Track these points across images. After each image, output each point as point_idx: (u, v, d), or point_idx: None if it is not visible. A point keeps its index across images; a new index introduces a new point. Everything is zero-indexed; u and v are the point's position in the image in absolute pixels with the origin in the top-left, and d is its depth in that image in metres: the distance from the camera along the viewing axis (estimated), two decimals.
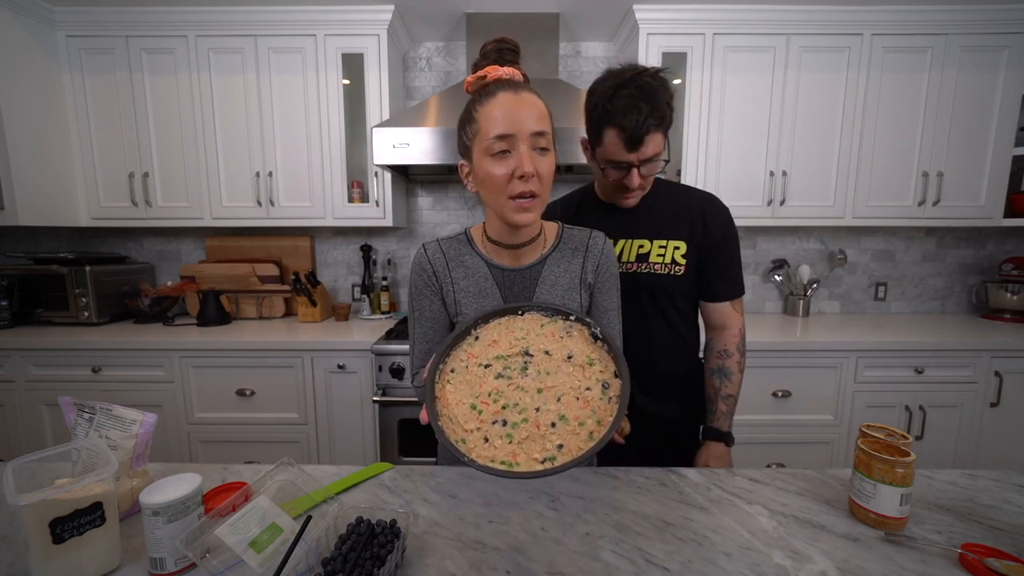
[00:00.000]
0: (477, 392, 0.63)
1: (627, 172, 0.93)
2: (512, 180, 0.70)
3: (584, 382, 0.62)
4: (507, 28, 2.07)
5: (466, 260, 0.81)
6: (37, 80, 1.98)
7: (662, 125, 0.89)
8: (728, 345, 1.07)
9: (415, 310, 0.83)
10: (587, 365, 0.64)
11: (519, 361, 0.65)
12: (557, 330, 0.68)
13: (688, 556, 0.65)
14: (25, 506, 0.55)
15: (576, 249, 0.83)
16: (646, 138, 0.88)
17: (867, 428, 0.78)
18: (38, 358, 1.88)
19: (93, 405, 0.75)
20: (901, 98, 2.07)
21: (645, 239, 1.02)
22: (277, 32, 2.04)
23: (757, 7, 1.98)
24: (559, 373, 0.63)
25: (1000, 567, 0.60)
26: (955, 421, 1.91)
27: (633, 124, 0.86)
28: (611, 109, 0.88)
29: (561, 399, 0.61)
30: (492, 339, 0.68)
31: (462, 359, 0.68)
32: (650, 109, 0.86)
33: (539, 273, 0.80)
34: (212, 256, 2.42)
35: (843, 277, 2.48)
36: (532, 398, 0.62)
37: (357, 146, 2.13)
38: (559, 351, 0.66)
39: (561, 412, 0.59)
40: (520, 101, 0.69)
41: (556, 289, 0.81)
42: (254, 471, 0.87)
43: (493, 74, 0.72)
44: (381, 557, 0.59)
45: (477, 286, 0.79)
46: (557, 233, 0.84)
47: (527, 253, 0.80)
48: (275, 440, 1.91)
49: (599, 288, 0.83)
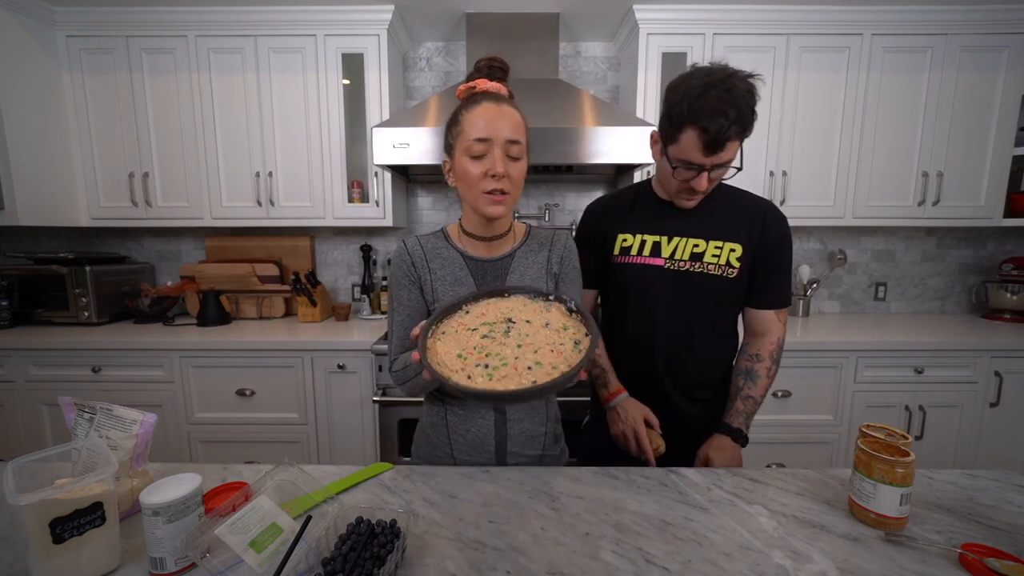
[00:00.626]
0: (464, 346, 0.70)
1: (697, 174, 0.91)
2: (485, 178, 0.78)
3: (559, 340, 0.70)
4: (507, 28, 2.07)
5: (443, 252, 0.88)
6: (37, 80, 1.98)
7: (744, 133, 0.87)
8: (762, 350, 1.05)
9: (395, 300, 0.88)
10: (562, 329, 0.72)
11: (502, 326, 0.73)
12: (538, 307, 0.76)
13: (688, 556, 0.65)
14: (25, 506, 0.55)
15: (543, 244, 0.92)
16: (726, 144, 0.86)
17: (867, 428, 0.78)
18: (38, 358, 1.88)
19: (93, 405, 0.75)
20: (901, 98, 2.07)
21: (701, 239, 1.00)
22: (277, 32, 2.04)
23: (757, 7, 1.98)
24: (537, 335, 0.71)
25: (1000, 567, 0.60)
26: (955, 421, 1.91)
27: (716, 128, 0.84)
28: (696, 109, 0.85)
29: (538, 352, 0.68)
30: (480, 312, 0.76)
31: (452, 326, 0.74)
32: (736, 115, 0.84)
33: (510, 264, 0.88)
34: (212, 256, 2.42)
35: (843, 277, 2.48)
36: (512, 351, 0.68)
37: (357, 146, 2.13)
38: (538, 320, 0.74)
39: (537, 360, 0.67)
40: (500, 112, 0.78)
41: (525, 278, 0.88)
42: (254, 471, 0.87)
43: (481, 86, 0.82)
44: (381, 557, 0.59)
45: (453, 275, 0.86)
46: (525, 231, 0.94)
47: (499, 246, 0.89)
48: (275, 440, 1.91)
49: (563, 278, 0.91)
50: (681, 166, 0.92)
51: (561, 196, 2.46)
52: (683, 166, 0.91)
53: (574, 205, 2.47)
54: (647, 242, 1.03)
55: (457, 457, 0.88)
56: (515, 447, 0.89)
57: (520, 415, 0.88)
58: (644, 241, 1.03)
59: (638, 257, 1.03)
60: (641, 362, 1.06)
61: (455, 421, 0.87)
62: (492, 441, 0.87)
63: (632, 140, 1.75)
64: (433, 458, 0.91)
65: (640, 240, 1.03)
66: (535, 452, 0.91)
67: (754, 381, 1.04)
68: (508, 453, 0.88)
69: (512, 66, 2.16)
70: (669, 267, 1.01)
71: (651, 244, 1.02)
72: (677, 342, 1.03)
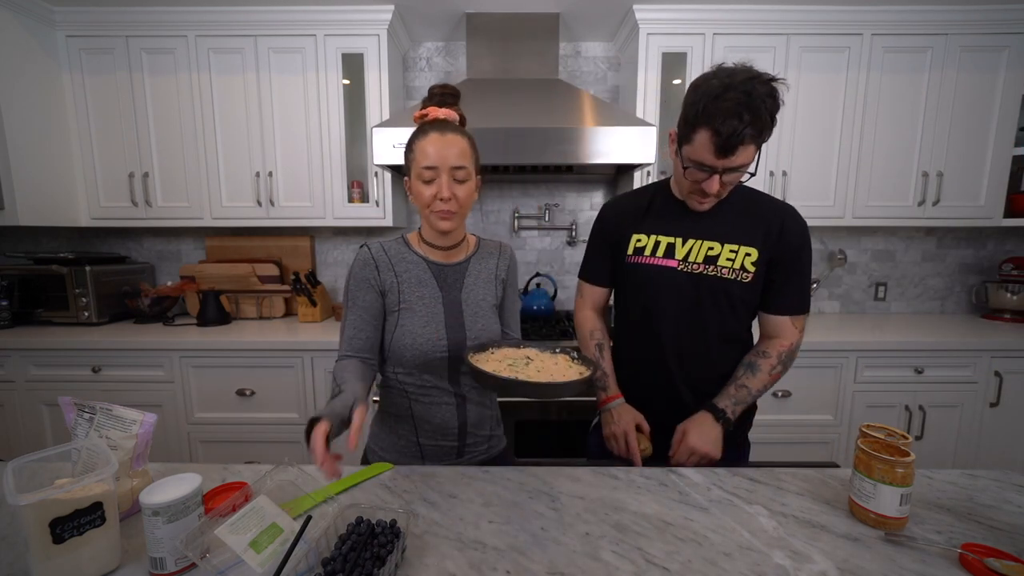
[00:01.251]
0: (496, 368, 0.84)
1: (708, 176, 0.90)
2: (435, 200, 0.88)
3: (566, 370, 0.88)
4: (507, 28, 2.07)
5: (407, 257, 0.97)
6: (37, 80, 1.98)
7: (759, 138, 0.86)
8: (771, 349, 1.03)
9: (350, 301, 0.94)
10: (567, 368, 0.89)
11: (523, 361, 0.89)
12: (547, 355, 0.94)
13: (688, 556, 0.65)
14: (25, 506, 0.55)
15: (491, 253, 1.04)
16: (739, 148, 0.85)
17: (867, 428, 0.78)
18: (38, 358, 1.88)
19: (93, 405, 0.75)
20: (901, 98, 2.07)
21: (716, 242, 0.99)
22: (277, 32, 2.04)
23: (757, 7, 1.98)
24: (551, 368, 0.88)
25: (1000, 567, 0.60)
26: (955, 421, 1.91)
27: (729, 131, 0.83)
28: (711, 110, 0.83)
29: (552, 375, 0.85)
30: (505, 353, 0.93)
31: (484, 358, 0.90)
32: (752, 119, 0.82)
33: (466, 268, 1.00)
34: (212, 256, 2.42)
35: (843, 277, 2.48)
36: (534, 374, 0.85)
37: (357, 146, 2.13)
38: (550, 360, 0.92)
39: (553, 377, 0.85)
40: (445, 141, 0.87)
41: (479, 280, 1.00)
42: (254, 471, 0.87)
43: (432, 114, 0.91)
44: (381, 557, 0.59)
45: (417, 277, 0.96)
46: (476, 243, 1.04)
47: (454, 254, 0.99)
48: (275, 440, 1.91)
49: (509, 283, 1.05)
50: (693, 167, 0.91)
51: (561, 196, 2.46)
52: (695, 167, 0.91)
53: (574, 205, 2.47)
54: (661, 243, 1.02)
55: (422, 442, 0.98)
56: (472, 428, 1.00)
57: (474, 402, 1.00)
58: (658, 242, 1.02)
59: (651, 258, 1.02)
60: (653, 362, 1.07)
61: (420, 410, 0.96)
62: (455, 424, 0.97)
63: (632, 140, 1.75)
64: (398, 447, 0.99)
65: (654, 241, 1.03)
66: (485, 432, 1.03)
67: (754, 374, 1.02)
68: (468, 433, 1.00)
69: (512, 66, 2.18)
70: (682, 269, 1.00)
71: (665, 245, 1.02)
72: (689, 344, 1.03)
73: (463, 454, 1.00)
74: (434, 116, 0.91)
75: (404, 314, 0.93)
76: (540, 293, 2.25)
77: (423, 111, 0.92)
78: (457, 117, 0.93)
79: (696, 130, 0.87)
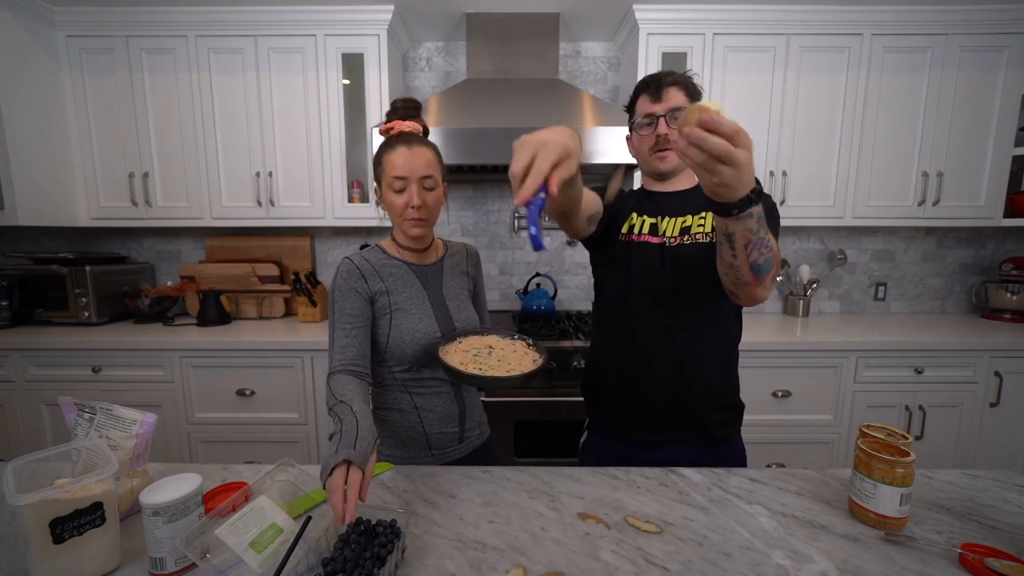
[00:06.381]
0: (462, 360, 0.92)
1: (655, 122, 1.00)
2: (407, 208, 0.95)
3: (525, 358, 0.96)
4: (507, 28, 2.07)
5: (388, 263, 1.04)
6: (37, 80, 1.98)
7: (684, 85, 0.99)
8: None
9: (338, 311, 0.98)
10: (524, 355, 0.98)
11: (486, 351, 0.97)
12: (507, 342, 1.02)
13: (688, 556, 0.65)
14: (25, 506, 0.55)
15: (458, 252, 1.13)
16: (669, 88, 0.98)
17: (867, 428, 0.78)
18: (38, 358, 1.88)
19: (93, 405, 0.75)
20: (901, 98, 2.07)
21: (688, 215, 1.06)
22: (277, 32, 2.04)
23: (757, 7, 1.98)
24: (509, 356, 0.96)
25: (1000, 567, 0.60)
26: (955, 421, 1.91)
27: (656, 79, 1.00)
28: (641, 82, 1.03)
29: (511, 364, 0.93)
30: (471, 342, 1.01)
31: (452, 348, 0.97)
32: (671, 73, 1.00)
33: (441, 267, 1.08)
34: (212, 256, 2.42)
35: (843, 277, 2.48)
36: (495, 363, 0.93)
37: (357, 146, 2.13)
38: (508, 348, 1.00)
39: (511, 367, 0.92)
40: (412, 153, 0.94)
41: (454, 276, 1.09)
42: (254, 471, 0.87)
43: (398, 127, 0.98)
44: (381, 557, 0.59)
45: (403, 279, 1.03)
46: (443, 245, 1.12)
47: (428, 255, 1.08)
48: (275, 440, 1.91)
49: (476, 277, 1.16)
50: (642, 124, 1.03)
51: None
52: (643, 124, 1.02)
53: None
54: (647, 222, 1.09)
55: (428, 432, 1.03)
56: (469, 413, 1.08)
57: (466, 388, 1.09)
58: (644, 221, 1.10)
59: (640, 236, 1.09)
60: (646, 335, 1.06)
61: (423, 402, 1.03)
62: (456, 410, 1.05)
63: None
64: (404, 440, 1.03)
65: (642, 220, 1.10)
66: (477, 417, 1.11)
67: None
68: (466, 418, 1.07)
69: (512, 66, 2.18)
70: (665, 244, 1.06)
71: (649, 224, 1.09)
72: (677, 320, 1.03)
73: (463, 439, 1.06)
74: (399, 129, 0.98)
75: (397, 315, 0.99)
76: (540, 293, 2.25)
77: (388, 124, 0.99)
78: (421, 129, 1.01)
79: (636, 100, 1.04)
